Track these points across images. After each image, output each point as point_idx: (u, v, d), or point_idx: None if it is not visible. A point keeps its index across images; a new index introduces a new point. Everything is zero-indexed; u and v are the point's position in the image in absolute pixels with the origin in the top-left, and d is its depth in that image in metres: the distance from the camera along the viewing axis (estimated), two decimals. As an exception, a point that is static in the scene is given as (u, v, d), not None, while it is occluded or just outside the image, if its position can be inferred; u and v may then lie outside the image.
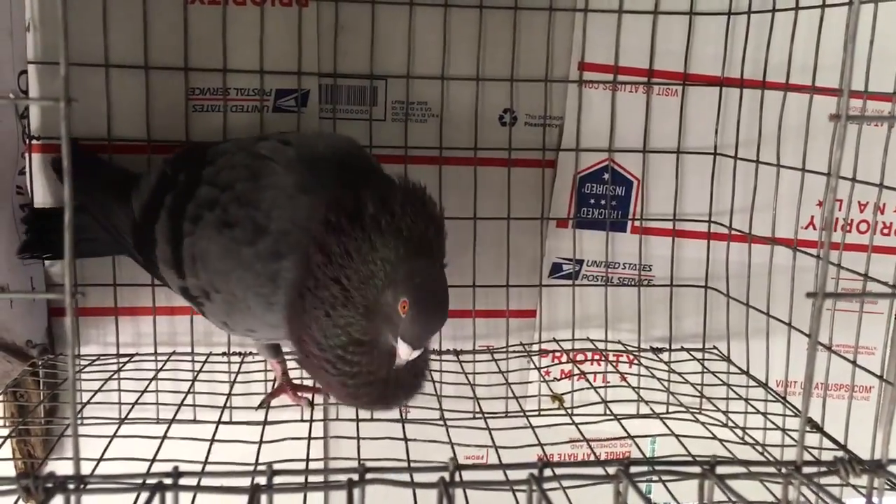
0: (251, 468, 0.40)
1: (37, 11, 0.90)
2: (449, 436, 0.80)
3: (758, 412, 0.91)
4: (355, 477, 0.39)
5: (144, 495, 0.38)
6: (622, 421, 0.87)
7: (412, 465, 0.71)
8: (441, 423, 0.84)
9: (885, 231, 1.03)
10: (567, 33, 1.00)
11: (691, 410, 0.90)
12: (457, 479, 0.39)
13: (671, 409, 0.95)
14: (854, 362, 0.81)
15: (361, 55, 0.97)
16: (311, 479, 0.39)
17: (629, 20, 0.99)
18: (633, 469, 0.40)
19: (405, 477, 0.41)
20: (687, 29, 0.99)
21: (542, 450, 0.80)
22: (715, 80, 1.01)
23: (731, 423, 0.91)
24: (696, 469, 0.41)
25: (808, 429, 0.84)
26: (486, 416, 0.88)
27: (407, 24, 0.96)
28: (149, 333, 0.98)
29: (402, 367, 0.68)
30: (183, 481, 0.38)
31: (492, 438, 0.81)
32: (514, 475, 0.40)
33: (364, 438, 0.82)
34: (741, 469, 0.40)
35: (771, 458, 0.84)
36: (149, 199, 0.82)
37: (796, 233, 0.91)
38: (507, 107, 1.01)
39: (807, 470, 0.40)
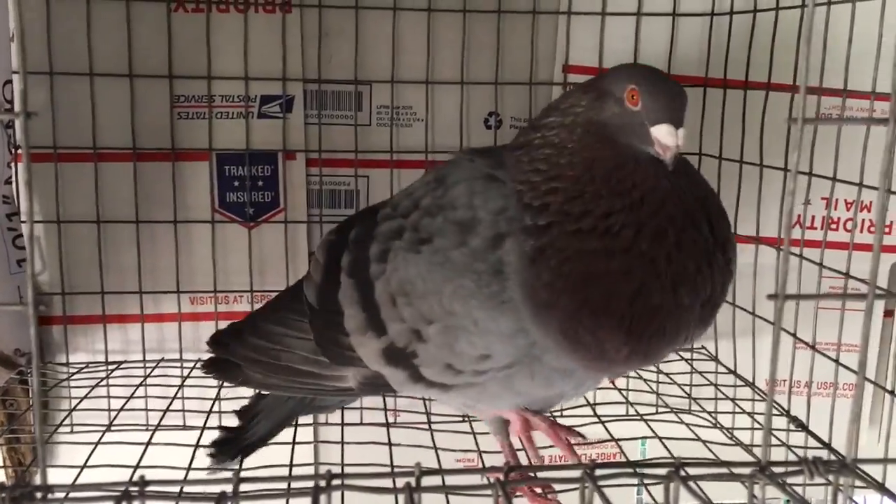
0: (220, 476, 0.40)
1: (20, 22, 0.90)
2: (434, 440, 0.80)
3: (744, 412, 0.91)
4: (322, 483, 0.39)
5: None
6: (609, 423, 0.87)
7: (395, 470, 0.72)
8: (427, 427, 0.85)
9: (873, 230, 1.03)
10: (551, 36, 1.00)
11: (675, 411, 0.90)
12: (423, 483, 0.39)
13: (660, 409, 0.95)
14: (837, 361, 0.81)
15: (346, 61, 0.97)
16: (276, 485, 0.39)
17: (613, 22, 0.99)
18: (598, 472, 0.40)
19: (372, 483, 0.41)
20: (670, 30, 0.99)
21: (527, 454, 0.80)
22: (699, 81, 1.01)
23: (718, 424, 0.91)
24: (662, 471, 0.41)
25: (792, 427, 0.85)
26: (471, 419, 0.88)
27: (391, 29, 0.97)
28: (137, 340, 0.98)
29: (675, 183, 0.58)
30: (151, 489, 0.38)
31: (476, 443, 0.81)
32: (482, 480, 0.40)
33: (349, 443, 0.82)
34: (707, 470, 0.40)
35: (755, 458, 0.84)
36: (323, 276, 0.73)
37: (780, 232, 0.91)
38: (492, 110, 1.01)
39: (772, 470, 0.40)
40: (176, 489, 0.39)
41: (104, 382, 0.93)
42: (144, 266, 0.97)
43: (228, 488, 0.38)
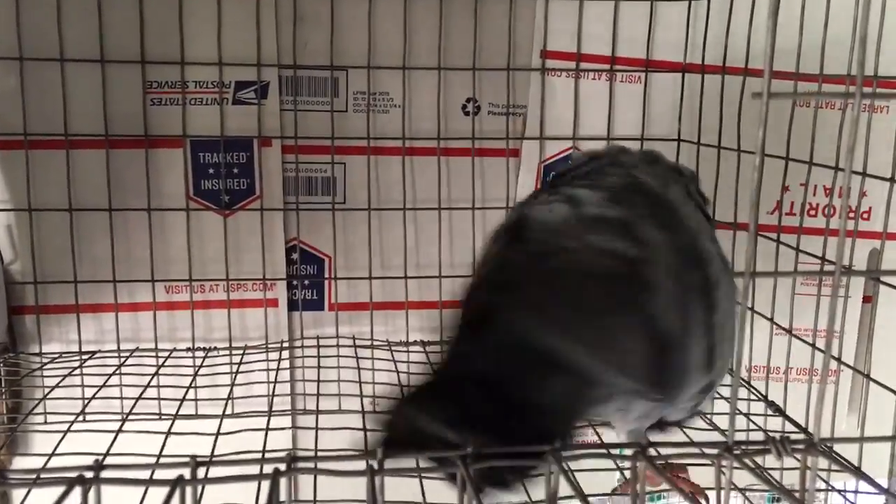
0: (180, 460, 0.40)
1: (-13, 5, 0.89)
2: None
3: (722, 398, 0.91)
4: (282, 466, 0.38)
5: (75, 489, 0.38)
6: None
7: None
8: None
9: (852, 215, 1.03)
10: (529, 21, 0.99)
11: (653, 397, 0.90)
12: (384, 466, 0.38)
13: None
14: (813, 345, 0.81)
15: (321, 46, 0.96)
16: (238, 470, 0.38)
17: (591, 7, 0.98)
18: (565, 453, 0.39)
19: (338, 466, 0.40)
20: (649, 15, 0.99)
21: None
22: (677, 67, 1.00)
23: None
24: (628, 452, 0.40)
25: (770, 412, 0.85)
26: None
27: (367, 14, 0.96)
28: (111, 330, 0.97)
29: None
30: (105, 474, 0.38)
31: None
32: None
33: (323, 429, 0.81)
34: (673, 450, 0.40)
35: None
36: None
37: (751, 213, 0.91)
38: (470, 96, 1.00)
39: (739, 450, 0.39)
40: (132, 474, 0.38)
41: (77, 371, 0.92)
42: (118, 255, 0.95)
43: (186, 472, 0.38)
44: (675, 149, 1.01)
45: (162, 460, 0.68)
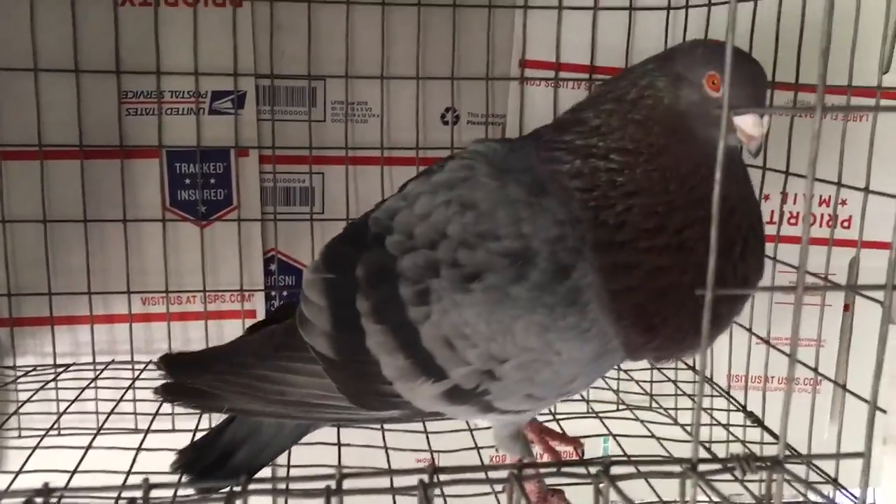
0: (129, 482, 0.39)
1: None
2: (428, 441, 0.79)
3: (703, 409, 0.91)
4: (333, 485, 0.37)
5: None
6: (567, 421, 0.86)
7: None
8: (379, 427, 0.83)
9: (830, 223, 1.03)
10: (508, 30, 0.99)
11: (631, 408, 0.90)
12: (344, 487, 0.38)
13: (620, 407, 0.94)
14: (791, 356, 0.80)
15: (299, 55, 0.95)
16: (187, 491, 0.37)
17: (570, 16, 0.98)
18: (526, 472, 0.39)
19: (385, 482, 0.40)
20: (627, 25, 0.99)
21: (479, 454, 0.79)
22: (656, 76, 1.00)
23: (678, 421, 0.91)
24: (593, 470, 0.40)
25: (748, 423, 0.84)
26: (424, 419, 0.87)
27: (345, 23, 0.95)
28: (87, 342, 0.96)
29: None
30: (56, 496, 0.37)
31: (428, 443, 0.80)
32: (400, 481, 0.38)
33: (299, 444, 0.80)
34: (634, 469, 0.39)
35: (713, 456, 0.84)
36: (333, 323, 0.65)
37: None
38: (449, 105, 1.00)
39: (703, 468, 0.39)
40: (85, 496, 0.38)
41: (52, 385, 0.91)
42: (94, 266, 0.94)
43: (138, 494, 0.37)
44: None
45: (135, 479, 0.68)
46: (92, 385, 0.92)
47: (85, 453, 0.72)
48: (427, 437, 0.82)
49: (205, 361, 0.72)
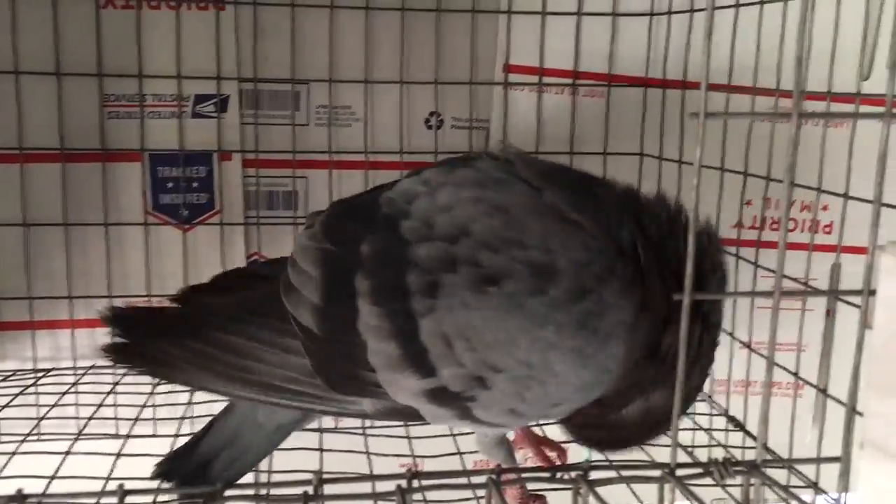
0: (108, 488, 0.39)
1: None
2: (411, 446, 0.79)
3: (685, 414, 0.91)
4: (311, 490, 0.37)
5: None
6: (549, 426, 0.86)
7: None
8: (361, 432, 0.83)
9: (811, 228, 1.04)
10: (491, 35, 0.99)
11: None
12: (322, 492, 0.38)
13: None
14: (770, 359, 0.81)
15: (282, 59, 0.95)
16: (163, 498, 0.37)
17: (553, 22, 0.98)
18: (505, 476, 0.39)
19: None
20: (611, 31, 0.99)
21: (461, 459, 0.79)
22: (639, 81, 1.00)
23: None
24: (572, 474, 0.40)
25: (730, 427, 0.85)
26: (407, 424, 0.87)
27: (328, 27, 0.95)
28: (68, 347, 0.95)
29: None
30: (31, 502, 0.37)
31: (411, 448, 0.80)
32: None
33: (281, 449, 0.80)
34: (614, 474, 0.39)
35: (695, 460, 0.84)
36: (324, 296, 0.62)
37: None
38: (432, 110, 1.00)
39: (681, 472, 0.39)
40: (60, 502, 0.37)
41: (31, 390, 0.90)
42: (75, 270, 0.94)
43: (113, 500, 0.37)
44: (637, 163, 1.01)
45: (113, 485, 0.67)
46: (72, 390, 0.91)
47: (64, 459, 0.72)
48: (410, 443, 0.81)
49: (162, 322, 0.67)
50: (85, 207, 0.93)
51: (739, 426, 0.84)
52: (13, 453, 0.74)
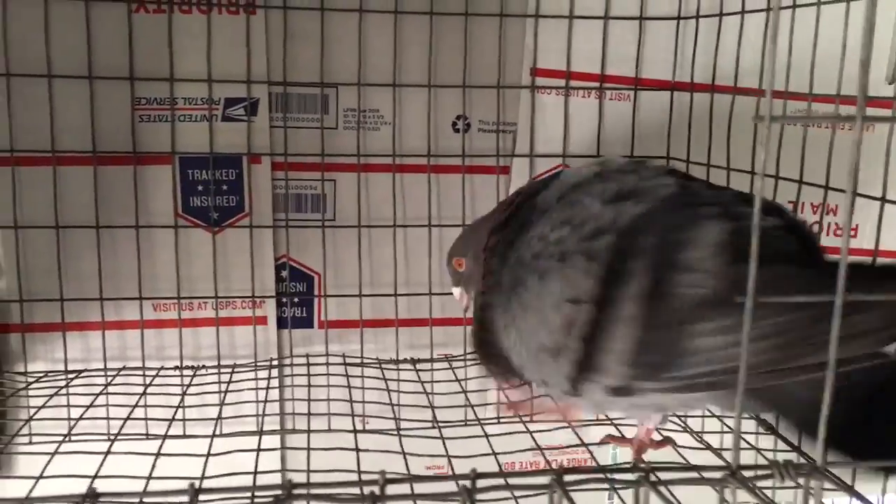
0: (176, 486, 0.39)
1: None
2: (402, 446, 0.79)
3: (713, 415, 0.91)
4: (282, 493, 0.38)
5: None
6: (578, 428, 0.86)
7: (361, 478, 0.70)
8: (395, 433, 0.83)
9: (840, 232, 1.04)
10: (519, 39, 0.99)
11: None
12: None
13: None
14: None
15: (311, 63, 0.96)
16: (236, 496, 0.38)
17: (580, 25, 0.99)
18: (567, 478, 0.39)
19: (337, 491, 0.40)
20: (638, 33, 0.99)
21: (496, 459, 0.79)
22: (666, 85, 1.01)
23: (688, 428, 0.91)
24: (632, 476, 0.40)
25: (761, 431, 0.85)
26: (440, 425, 0.87)
27: (357, 31, 0.96)
28: (98, 348, 0.96)
29: None
30: (104, 500, 0.37)
31: (445, 448, 0.80)
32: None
33: (314, 449, 0.80)
34: (677, 475, 0.39)
35: (724, 462, 0.84)
36: None
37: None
38: (460, 113, 1.00)
39: (743, 474, 0.39)
40: (132, 501, 0.38)
41: (63, 391, 0.91)
42: (105, 272, 0.94)
43: (185, 499, 0.37)
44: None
45: (155, 484, 0.68)
46: (104, 392, 0.92)
47: (104, 459, 0.72)
48: (444, 443, 0.81)
49: None
50: (116, 210, 0.94)
51: (771, 430, 0.84)
52: (54, 453, 0.75)
